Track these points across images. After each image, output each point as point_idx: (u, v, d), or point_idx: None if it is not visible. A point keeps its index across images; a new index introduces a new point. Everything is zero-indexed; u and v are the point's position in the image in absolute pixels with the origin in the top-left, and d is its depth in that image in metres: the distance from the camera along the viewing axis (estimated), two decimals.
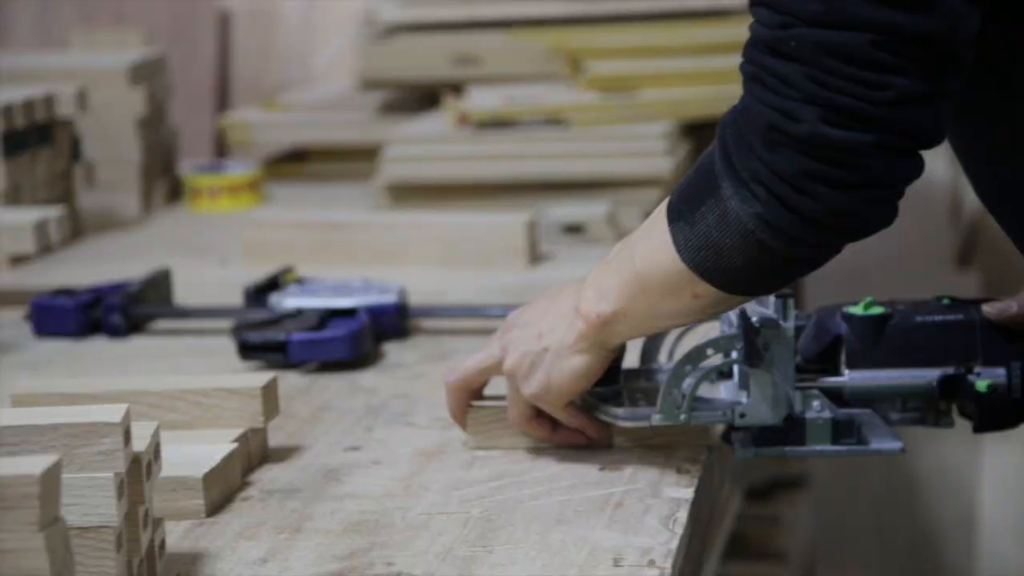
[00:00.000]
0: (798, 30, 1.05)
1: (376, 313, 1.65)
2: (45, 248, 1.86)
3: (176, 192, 2.54)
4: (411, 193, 2.31)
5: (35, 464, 0.88)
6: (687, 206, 1.12)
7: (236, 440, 1.25)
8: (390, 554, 1.09)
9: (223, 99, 3.19)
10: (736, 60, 2.81)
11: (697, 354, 1.22)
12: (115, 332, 1.73)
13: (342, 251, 2.03)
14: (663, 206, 1.16)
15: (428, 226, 2.04)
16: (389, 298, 1.68)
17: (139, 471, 1.03)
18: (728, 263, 1.11)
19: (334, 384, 1.51)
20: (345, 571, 1.07)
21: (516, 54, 2.56)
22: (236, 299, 1.82)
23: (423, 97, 2.67)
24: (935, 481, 3.00)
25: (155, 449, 1.07)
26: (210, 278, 1.99)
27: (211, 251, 2.16)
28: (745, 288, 1.14)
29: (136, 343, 1.72)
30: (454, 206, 2.26)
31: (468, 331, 1.69)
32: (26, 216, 1.86)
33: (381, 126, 2.63)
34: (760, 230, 1.08)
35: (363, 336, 1.59)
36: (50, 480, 0.89)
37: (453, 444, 1.33)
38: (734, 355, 1.23)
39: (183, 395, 1.28)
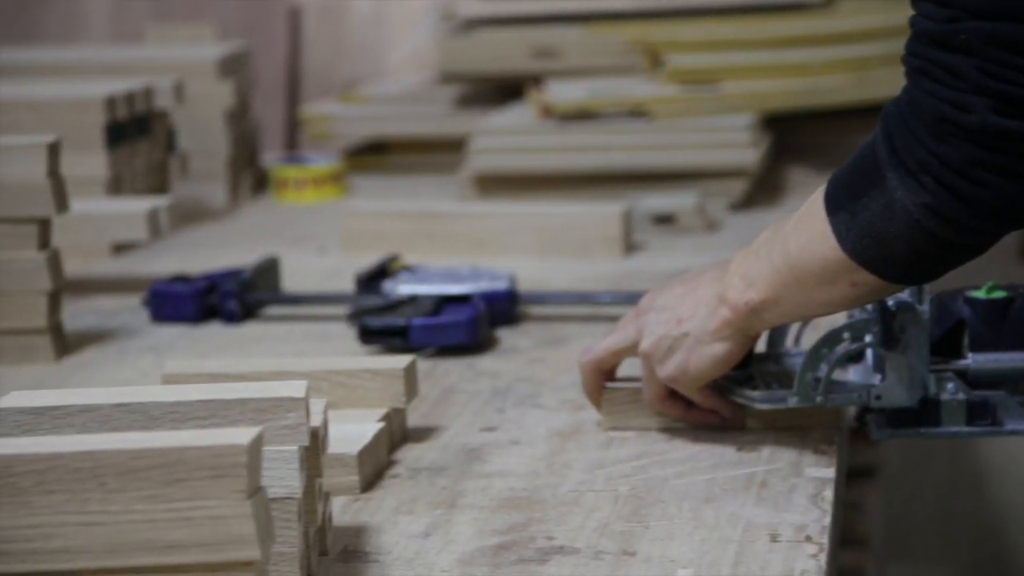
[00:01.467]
0: (967, 24, 1.08)
1: (489, 299, 1.69)
2: (156, 236, 1.90)
3: (260, 184, 2.59)
4: (497, 184, 2.35)
5: (243, 435, 0.92)
6: (847, 197, 1.15)
7: (381, 420, 1.29)
8: (548, 529, 1.13)
9: (293, 93, 3.22)
10: (815, 53, 2.83)
11: (833, 338, 1.26)
12: (230, 318, 1.77)
13: (438, 240, 2.06)
14: (818, 196, 1.19)
15: (524, 216, 2.08)
16: (501, 285, 1.72)
17: (316, 445, 1.07)
18: (891, 252, 1.14)
19: (456, 368, 1.55)
20: (508, 544, 1.10)
21: (594, 47, 2.60)
22: (335, 287, 1.87)
23: (499, 90, 2.71)
24: (1001, 470, 3.02)
25: (326, 425, 1.11)
26: (308, 267, 2.03)
27: (304, 241, 2.20)
28: (905, 276, 1.17)
29: (250, 328, 1.75)
30: (539, 197, 2.29)
31: (577, 318, 1.73)
32: (139, 205, 1.90)
33: (459, 119, 2.67)
34: (927, 219, 1.11)
35: (481, 322, 1.62)
36: (255, 450, 0.92)
37: (586, 425, 1.36)
38: (868, 338, 1.26)
39: (328, 375, 1.32)
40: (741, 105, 2.39)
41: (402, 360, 1.34)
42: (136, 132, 2.17)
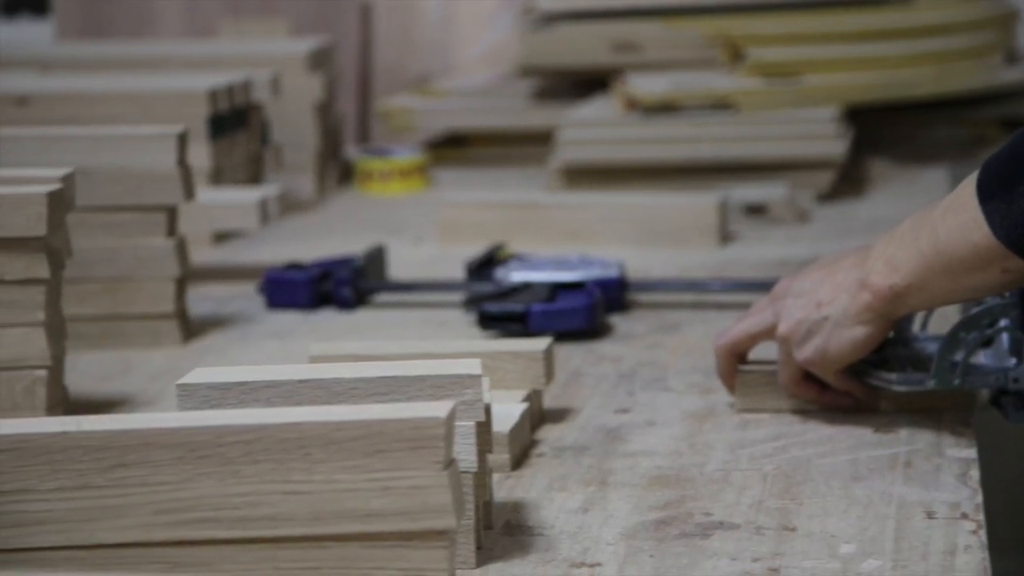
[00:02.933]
0: None
1: (601, 286, 1.72)
2: (265, 224, 1.94)
3: (344, 176, 2.62)
4: (584, 176, 2.39)
5: (440, 408, 0.95)
6: (1001, 185, 1.18)
7: (524, 400, 1.33)
8: (703, 505, 1.16)
9: (364, 88, 3.26)
10: (894, 47, 2.85)
11: (972, 322, 1.29)
12: (344, 304, 1.80)
13: (535, 231, 2.10)
14: (968, 184, 1.22)
15: (620, 206, 2.11)
16: (612, 272, 1.75)
17: (488, 421, 1.10)
18: None
19: (577, 353, 1.58)
20: (667, 520, 1.14)
21: (674, 41, 2.63)
22: (435, 275, 1.90)
23: (574, 84, 2.75)
24: None
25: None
26: (406, 256, 2.06)
27: (396, 231, 2.23)
28: None
29: (364, 315, 1.79)
30: (625, 189, 2.33)
31: (684, 305, 1.76)
32: (250, 194, 1.94)
33: (538, 112, 2.71)
34: None
35: (598, 308, 1.66)
36: (451, 423, 0.96)
37: (718, 407, 1.39)
38: (1003, 323, 1.29)
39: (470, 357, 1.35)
40: (823, 98, 2.42)
41: (541, 343, 1.38)
42: (235, 124, 2.21)
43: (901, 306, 1.28)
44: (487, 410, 1.09)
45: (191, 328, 1.69)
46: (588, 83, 2.70)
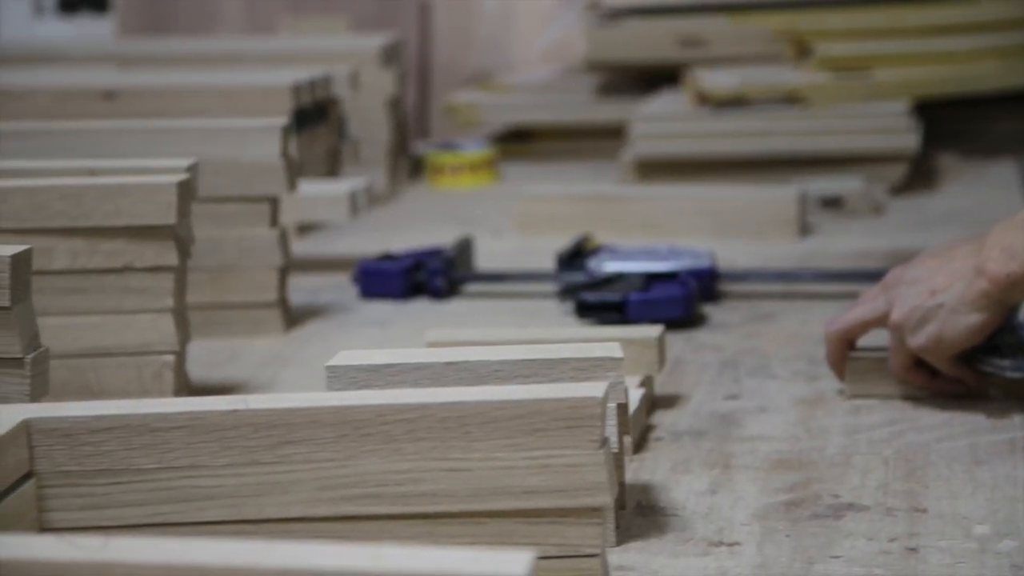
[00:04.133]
0: None
1: (693, 276, 1.74)
2: (355, 216, 1.97)
3: (414, 169, 2.65)
4: (656, 169, 2.41)
5: (595, 389, 0.98)
6: None
7: (640, 386, 1.35)
8: (829, 487, 1.19)
9: (424, 83, 3.29)
10: (961, 41, 2.87)
11: None
12: (437, 294, 1.83)
13: (612, 223, 2.12)
14: None
15: (698, 199, 2.14)
16: (705, 262, 1.78)
17: (626, 403, 1.13)
18: None
19: (675, 341, 1.60)
20: (796, 501, 1.16)
21: (740, 37, 2.65)
22: (517, 266, 1.93)
23: (638, 78, 2.77)
24: None
25: None
26: (485, 248, 2.09)
27: (472, 223, 2.25)
28: None
29: (457, 305, 1.82)
30: (697, 182, 2.35)
31: (775, 295, 1.78)
32: (340, 187, 1.97)
33: (603, 107, 2.74)
34: None
35: (695, 297, 1.68)
36: (605, 403, 0.98)
37: (827, 393, 1.42)
38: None
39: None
40: (893, 92, 2.44)
41: (654, 330, 1.40)
42: (316, 119, 2.24)
43: (1017, 294, 1.30)
44: (625, 391, 1.12)
45: (291, 317, 1.72)
46: (650, 78, 2.73)
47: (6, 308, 1.06)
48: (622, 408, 1.11)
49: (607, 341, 1.14)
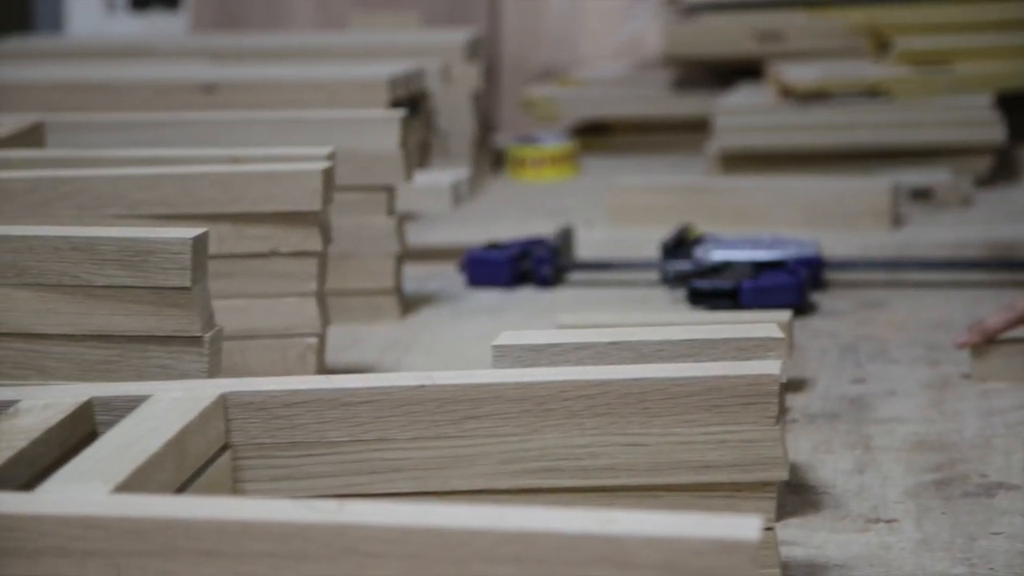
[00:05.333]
0: None
1: (802, 265, 1.77)
2: (457, 206, 1.99)
3: (496, 162, 2.68)
4: (741, 161, 2.43)
5: (772, 366, 1.00)
6: None
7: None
8: (976, 467, 1.21)
9: (493, 78, 3.32)
10: None
11: None
12: (544, 282, 1.86)
13: (704, 213, 2.14)
14: None
15: (790, 190, 2.16)
16: (811, 251, 1.80)
17: (784, 383, 1.15)
18: None
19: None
20: (945, 480, 1.18)
21: (818, 31, 2.67)
22: (614, 255, 1.95)
23: (714, 73, 2.80)
24: None
25: None
26: (579, 238, 2.11)
27: (560, 214, 2.27)
28: None
29: (563, 293, 1.84)
30: (782, 174, 2.37)
31: (879, 283, 1.81)
32: (443, 178, 1.99)
33: (679, 100, 2.77)
34: None
35: (806, 285, 1.71)
36: (779, 380, 1.01)
37: (952, 378, 1.44)
38: None
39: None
40: (975, 85, 2.46)
41: (783, 315, 1.42)
42: (410, 112, 2.26)
43: None
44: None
45: (406, 304, 1.75)
46: (726, 72, 2.76)
47: (186, 288, 1.09)
48: (784, 388, 1.14)
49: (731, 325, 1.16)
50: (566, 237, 1.94)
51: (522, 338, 1.12)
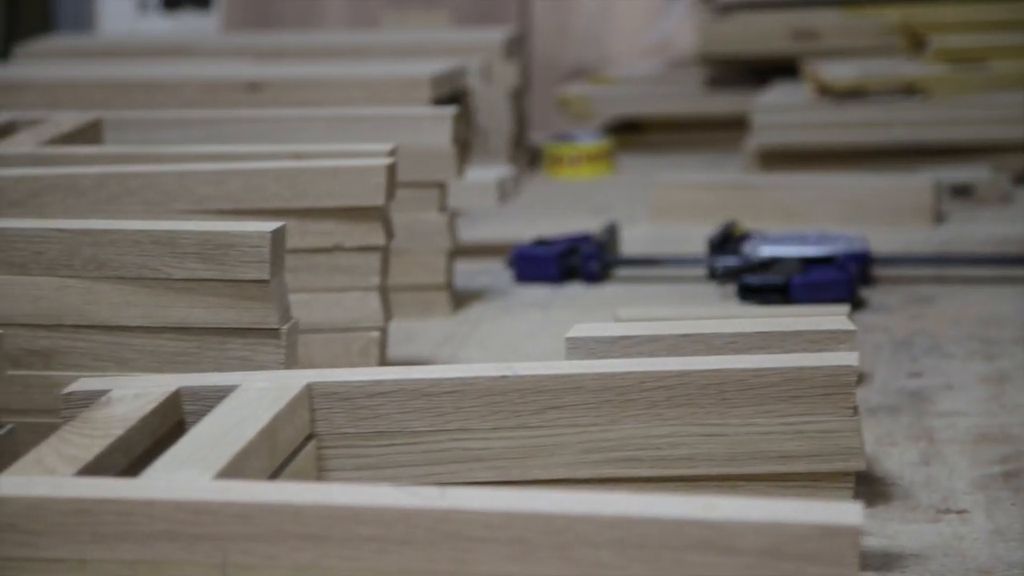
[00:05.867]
0: None
1: (851, 260, 1.78)
2: (503, 202, 2.01)
3: (532, 160, 2.69)
4: (778, 159, 2.44)
5: (851, 357, 1.02)
6: None
7: None
8: None
9: (523, 77, 3.33)
10: None
11: None
12: (591, 278, 1.87)
13: (746, 210, 2.15)
14: None
15: (832, 187, 2.17)
16: (860, 247, 1.81)
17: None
18: None
19: None
20: (1013, 472, 1.19)
21: (853, 29, 2.69)
22: (652, 252, 1.97)
23: (747, 71, 2.81)
24: None
25: None
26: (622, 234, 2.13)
27: (601, 212, 2.29)
28: None
29: (611, 288, 1.85)
30: (819, 171, 2.38)
31: (926, 279, 1.81)
32: (489, 174, 2.01)
33: (712, 99, 2.78)
34: None
35: (856, 280, 1.72)
36: (856, 373, 1.02)
37: (1009, 371, 1.45)
38: None
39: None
40: (1009, 83, 2.47)
41: (841, 309, 1.44)
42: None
43: None
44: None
45: (457, 299, 1.76)
46: (759, 70, 2.77)
47: (265, 281, 1.10)
48: (858, 379, 1.15)
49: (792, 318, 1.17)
50: (612, 233, 1.95)
51: (594, 331, 1.13)
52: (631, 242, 2.06)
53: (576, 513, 0.77)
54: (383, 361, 1.42)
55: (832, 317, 1.14)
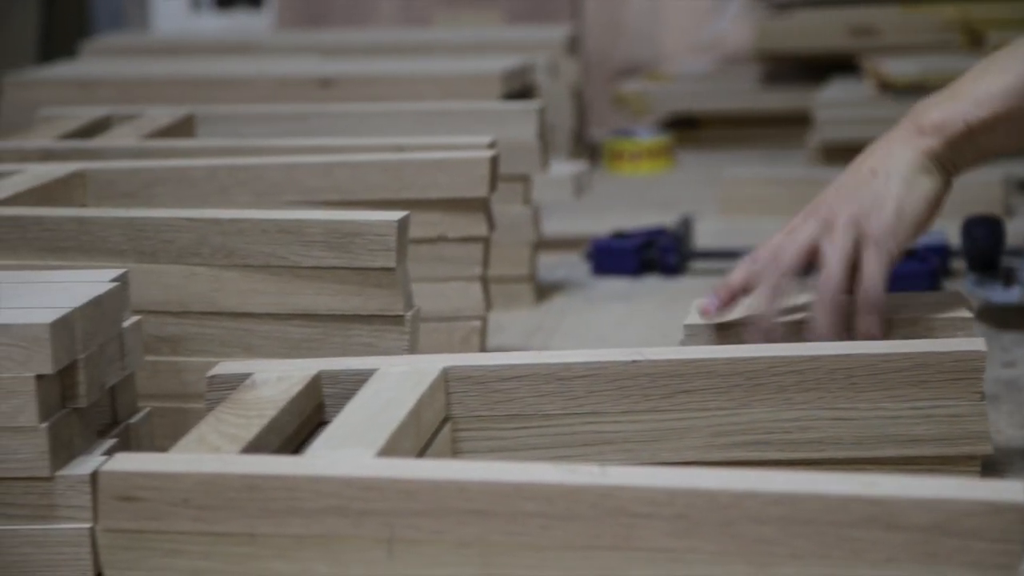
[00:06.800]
0: None
1: (932, 252, 1.79)
2: (578, 197, 2.02)
3: (591, 156, 2.71)
4: (842, 153, 2.46)
5: (979, 343, 1.03)
6: None
7: None
8: None
9: (584, 73, 3.35)
10: None
11: None
12: (670, 270, 1.89)
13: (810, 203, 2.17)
14: None
15: None
16: (939, 239, 1.82)
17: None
18: None
19: None
20: None
21: (911, 26, 2.70)
22: (722, 245, 1.98)
23: (802, 68, 2.82)
24: None
25: None
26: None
27: (667, 206, 2.30)
28: None
29: (688, 281, 1.87)
30: None
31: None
32: (565, 169, 2.02)
33: (768, 95, 2.79)
34: None
35: (938, 272, 1.73)
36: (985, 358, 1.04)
37: None
38: None
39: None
40: None
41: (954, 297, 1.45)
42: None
43: (971, 148, 1.22)
44: None
45: (540, 291, 1.78)
46: (815, 67, 2.78)
47: (391, 269, 1.12)
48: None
49: None
50: (687, 226, 1.97)
51: (711, 318, 1.15)
52: (701, 236, 2.08)
53: (741, 490, 0.78)
54: (483, 350, 1.43)
55: (947, 304, 1.16)
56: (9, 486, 0.93)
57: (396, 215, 1.12)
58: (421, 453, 0.95)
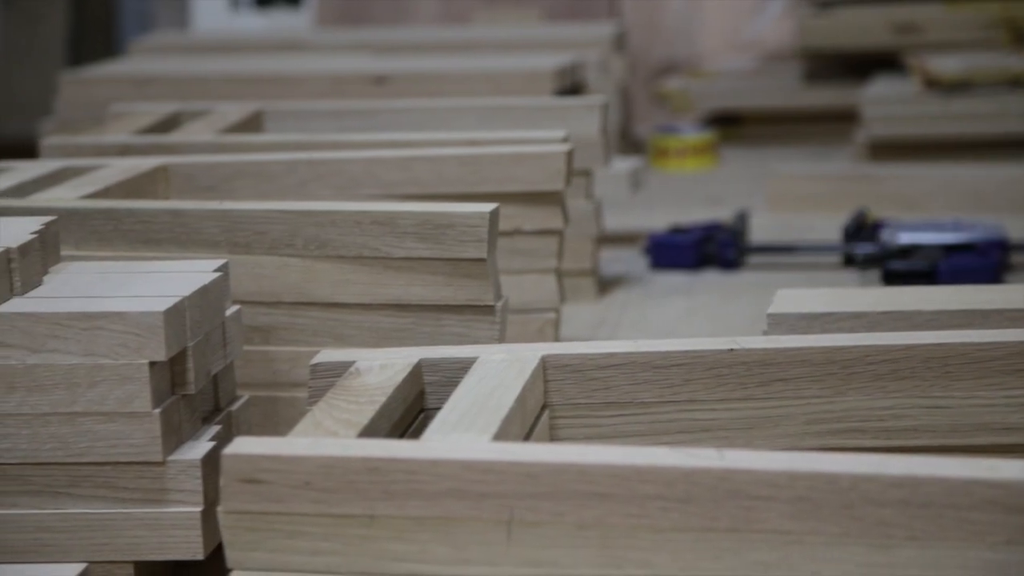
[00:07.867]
0: None
1: (992, 247, 1.80)
2: (635, 192, 2.03)
3: (634, 152, 2.72)
4: (889, 150, 2.47)
5: None
6: None
7: None
8: None
9: (629, 71, 3.36)
10: None
11: None
12: (728, 265, 1.90)
13: (864, 200, 2.17)
14: None
15: (950, 178, 2.19)
16: (998, 234, 1.83)
17: None
18: None
19: None
20: None
21: (955, 23, 2.71)
22: (772, 240, 1.99)
23: (844, 65, 2.83)
24: None
25: None
26: None
27: (714, 202, 2.31)
28: None
29: (747, 275, 1.88)
30: (928, 162, 2.41)
31: None
32: (622, 165, 2.03)
33: (810, 92, 2.80)
34: None
35: (1000, 267, 1.74)
36: None
37: None
38: None
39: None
40: None
41: None
42: None
43: None
44: None
45: (601, 285, 1.79)
46: (857, 64, 2.79)
47: (482, 260, 1.13)
48: None
49: None
50: (743, 221, 1.98)
51: (795, 306, 1.16)
52: (754, 230, 2.09)
53: (860, 472, 0.79)
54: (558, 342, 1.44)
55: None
56: (122, 470, 0.94)
57: (487, 207, 1.13)
58: (526, 439, 0.96)
